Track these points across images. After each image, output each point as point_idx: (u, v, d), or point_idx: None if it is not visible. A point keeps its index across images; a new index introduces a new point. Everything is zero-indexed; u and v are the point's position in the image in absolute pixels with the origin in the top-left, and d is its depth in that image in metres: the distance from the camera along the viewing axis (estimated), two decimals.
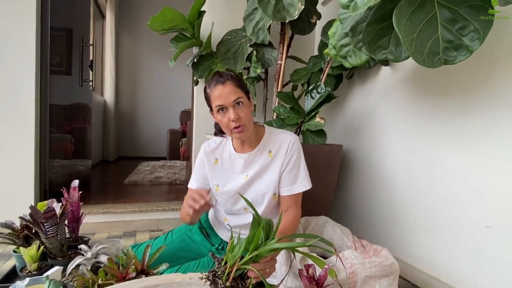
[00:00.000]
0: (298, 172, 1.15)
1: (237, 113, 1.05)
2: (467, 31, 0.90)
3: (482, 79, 1.19)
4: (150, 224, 2.15)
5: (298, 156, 1.16)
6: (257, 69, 1.86)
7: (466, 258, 1.24)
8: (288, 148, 1.15)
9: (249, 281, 0.72)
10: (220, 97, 1.05)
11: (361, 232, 1.83)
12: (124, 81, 5.65)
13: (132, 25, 5.57)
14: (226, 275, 0.71)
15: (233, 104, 1.05)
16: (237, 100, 1.05)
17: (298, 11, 1.54)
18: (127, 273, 0.90)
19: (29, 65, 1.92)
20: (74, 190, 1.26)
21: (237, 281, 0.72)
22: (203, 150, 1.25)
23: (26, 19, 1.90)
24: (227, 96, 1.04)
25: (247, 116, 1.08)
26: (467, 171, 1.24)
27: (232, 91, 1.05)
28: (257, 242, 0.71)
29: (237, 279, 0.73)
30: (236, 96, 1.05)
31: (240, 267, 0.71)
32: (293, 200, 1.15)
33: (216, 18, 2.12)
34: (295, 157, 1.15)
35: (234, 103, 1.05)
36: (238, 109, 1.06)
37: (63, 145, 2.47)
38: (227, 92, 1.04)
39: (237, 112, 1.06)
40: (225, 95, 1.04)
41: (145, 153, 5.74)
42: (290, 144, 1.15)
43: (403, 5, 0.93)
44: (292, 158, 1.15)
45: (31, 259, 1.06)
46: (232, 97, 1.05)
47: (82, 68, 2.66)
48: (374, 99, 1.81)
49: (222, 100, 1.05)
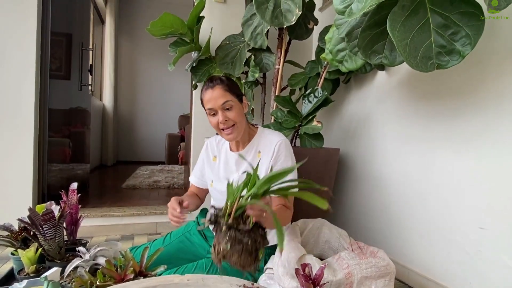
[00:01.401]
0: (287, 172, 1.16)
1: (225, 116, 1.11)
2: (459, 36, 0.92)
3: (475, 83, 1.21)
4: (148, 227, 2.15)
5: (286, 158, 1.16)
6: (255, 73, 1.88)
7: (461, 259, 1.25)
8: (274, 150, 1.16)
9: (249, 220, 0.75)
10: (210, 101, 1.12)
11: (357, 235, 1.84)
12: (123, 86, 5.67)
13: (131, 30, 5.62)
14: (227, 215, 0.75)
15: (222, 107, 1.11)
16: (225, 103, 1.11)
17: (296, 17, 1.57)
18: (125, 274, 0.90)
19: (29, 69, 1.93)
20: (72, 193, 1.27)
21: (237, 220, 0.75)
22: (205, 147, 1.34)
23: (27, 24, 1.92)
24: (216, 99, 1.11)
25: (237, 116, 1.13)
26: (461, 174, 1.26)
27: (220, 94, 1.11)
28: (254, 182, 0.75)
29: (238, 219, 0.76)
30: (225, 100, 1.11)
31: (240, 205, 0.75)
32: (282, 201, 1.16)
33: (215, 24, 2.15)
34: (282, 159, 1.15)
35: (222, 106, 1.11)
36: (227, 111, 1.12)
37: (62, 149, 2.48)
38: (216, 96, 1.11)
39: (226, 114, 1.11)
40: (214, 98, 1.11)
41: (144, 158, 5.74)
42: (276, 146, 1.16)
43: (396, 11, 0.96)
44: (279, 160, 1.16)
45: (29, 261, 1.06)
46: (220, 101, 1.11)
47: (82, 72, 2.68)
48: (370, 103, 1.83)
49: (212, 103, 1.12)
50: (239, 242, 0.73)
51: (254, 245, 0.74)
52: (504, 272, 1.10)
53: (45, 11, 2.04)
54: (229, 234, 0.73)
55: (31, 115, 1.94)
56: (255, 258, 0.75)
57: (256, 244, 0.75)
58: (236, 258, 0.73)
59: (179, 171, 4.39)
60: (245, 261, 0.73)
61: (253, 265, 0.75)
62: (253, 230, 0.75)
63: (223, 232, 0.73)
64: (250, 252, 0.73)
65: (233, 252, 0.72)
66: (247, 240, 0.73)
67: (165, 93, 5.88)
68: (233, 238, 0.72)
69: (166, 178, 3.70)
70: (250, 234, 0.74)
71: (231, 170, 1.23)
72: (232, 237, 0.72)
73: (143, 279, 0.88)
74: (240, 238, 0.73)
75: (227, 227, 0.73)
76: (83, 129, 2.92)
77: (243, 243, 0.73)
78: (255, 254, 0.75)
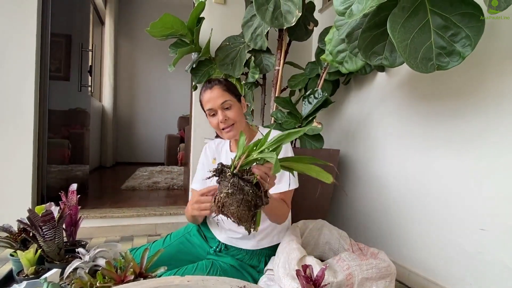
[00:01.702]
0: (283, 172, 1.15)
1: (225, 115, 1.14)
2: (459, 37, 0.92)
3: (475, 84, 1.21)
4: (147, 228, 2.15)
5: (285, 155, 1.17)
6: (255, 74, 1.89)
7: (461, 261, 1.25)
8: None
9: (253, 177, 0.77)
10: (209, 101, 1.14)
11: (357, 236, 1.84)
12: (123, 87, 5.67)
13: (131, 31, 5.62)
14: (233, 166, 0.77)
15: (221, 107, 1.13)
16: (224, 102, 1.13)
17: (296, 18, 1.57)
18: (125, 276, 0.90)
19: (29, 70, 1.93)
20: (72, 194, 1.26)
21: (242, 173, 0.77)
22: (204, 151, 1.33)
23: (27, 25, 1.92)
24: (215, 99, 1.13)
25: (236, 116, 1.15)
26: (461, 175, 1.26)
27: (219, 94, 1.13)
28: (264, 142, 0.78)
29: (243, 172, 0.78)
30: (224, 99, 1.13)
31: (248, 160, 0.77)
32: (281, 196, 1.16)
33: (215, 25, 2.15)
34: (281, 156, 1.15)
35: (221, 105, 1.13)
36: (226, 111, 1.14)
37: (61, 150, 2.47)
38: (215, 96, 1.13)
39: (225, 113, 1.14)
40: (213, 98, 1.13)
41: (143, 159, 5.73)
42: None
43: (397, 12, 0.96)
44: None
45: (28, 263, 1.06)
46: (219, 100, 1.13)
47: (81, 73, 2.68)
48: (370, 105, 1.83)
49: (211, 103, 1.14)
50: (241, 190, 0.74)
51: (254, 198, 0.76)
52: (504, 273, 1.09)
53: (45, 12, 2.03)
54: (233, 181, 0.74)
55: (31, 116, 1.94)
56: (253, 216, 0.77)
57: (256, 199, 0.76)
58: (234, 208, 0.74)
59: (178, 172, 4.38)
60: (242, 214, 0.75)
61: (249, 222, 0.77)
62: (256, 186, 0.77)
63: (227, 179, 0.75)
64: (249, 205, 0.75)
65: (233, 200, 0.74)
66: (249, 190, 0.75)
67: (164, 94, 5.88)
68: (235, 185, 0.74)
69: (166, 179, 3.69)
70: (252, 185, 0.76)
71: None
72: (235, 184, 0.74)
73: (143, 280, 0.88)
74: (242, 186, 0.74)
75: (232, 174, 0.75)
76: (82, 130, 2.92)
77: (244, 192, 0.74)
78: (253, 211, 0.76)
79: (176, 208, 2.30)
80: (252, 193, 0.75)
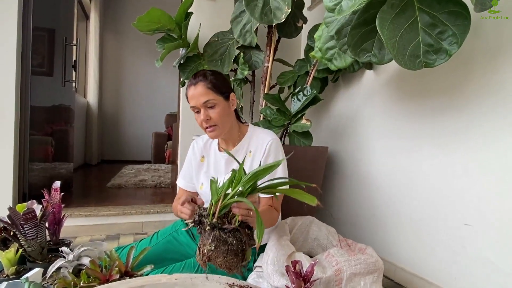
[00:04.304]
0: (274, 174, 1.10)
1: (207, 114, 1.08)
2: (446, 35, 0.93)
3: (461, 82, 1.24)
4: (134, 227, 2.11)
5: (275, 158, 1.13)
6: (244, 71, 1.87)
7: (446, 256, 1.27)
8: (265, 149, 1.13)
9: (234, 219, 0.73)
10: (192, 99, 1.09)
11: (345, 233, 1.85)
12: (108, 83, 5.54)
13: (117, 26, 5.50)
14: (211, 214, 0.72)
15: (204, 106, 1.08)
16: (206, 102, 1.07)
17: (285, 15, 1.56)
18: (110, 275, 0.88)
19: (10, 65, 1.86)
20: (55, 192, 1.22)
21: (223, 219, 0.73)
22: (191, 148, 1.28)
23: (7, 18, 1.85)
24: (198, 98, 1.08)
25: (219, 116, 1.09)
26: (447, 171, 1.28)
27: (202, 92, 1.07)
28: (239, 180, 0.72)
29: (223, 218, 0.73)
30: (206, 98, 1.07)
31: (225, 203, 0.72)
32: (270, 202, 1.12)
33: (203, 20, 2.12)
34: (271, 159, 1.12)
35: (204, 104, 1.08)
36: (209, 110, 1.08)
37: (44, 148, 2.40)
38: (198, 94, 1.07)
39: (207, 113, 1.08)
40: (196, 96, 1.08)
41: (129, 157, 5.63)
42: (267, 145, 1.13)
43: (386, 9, 0.97)
44: (268, 159, 1.12)
45: (8, 263, 1.02)
46: (202, 99, 1.07)
47: (65, 68, 2.60)
48: (358, 102, 1.85)
49: (194, 101, 1.09)
50: (224, 242, 0.70)
51: (240, 245, 0.71)
52: (488, 268, 1.12)
53: (27, 5, 1.96)
54: (213, 234, 0.70)
55: (11, 112, 1.87)
56: (242, 258, 0.72)
57: (243, 244, 0.72)
58: (221, 260, 0.70)
59: (165, 170, 4.33)
60: (231, 263, 0.70)
61: (240, 266, 0.72)
62: (239, 229, 0.72)
63: (207, 233, 0.71)
64: (236, 252, 0.71)
65: (218, 253, 0.70)
66: (232, 240, 0.70)
67: (151, 90, 5.78)
68: (217, 239, 0.69)
69: (153, 177, 3.64)
70: (235, 233, 0.71)
71: (221, 172, 1.19)
72: (217, 237, 0.70)
73: (129, 279, 0.86)
74: (224, 238, 0.70)
75: (211, 226, 0.70)
76: (66, 127, 2.84)
77: (228, 243, 0.70)
78: (241, 255, 0.72)
79: (163, 206, 2.27)
80: (237, 242, 0.71)
